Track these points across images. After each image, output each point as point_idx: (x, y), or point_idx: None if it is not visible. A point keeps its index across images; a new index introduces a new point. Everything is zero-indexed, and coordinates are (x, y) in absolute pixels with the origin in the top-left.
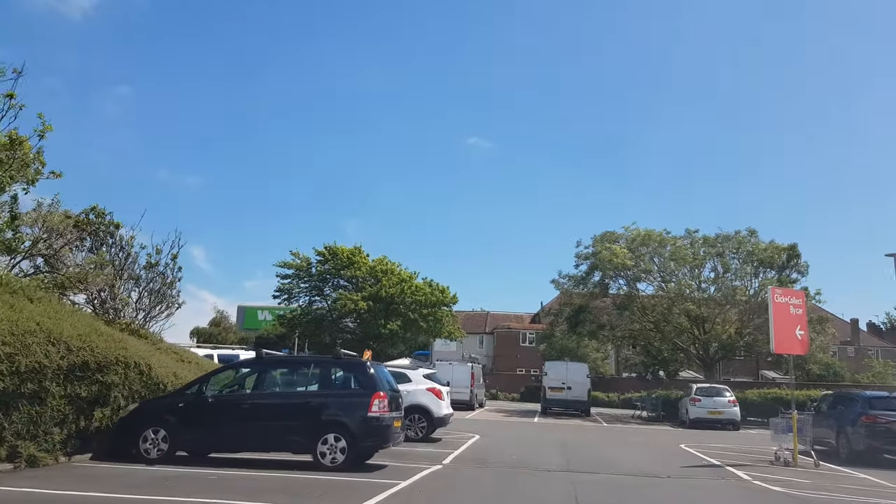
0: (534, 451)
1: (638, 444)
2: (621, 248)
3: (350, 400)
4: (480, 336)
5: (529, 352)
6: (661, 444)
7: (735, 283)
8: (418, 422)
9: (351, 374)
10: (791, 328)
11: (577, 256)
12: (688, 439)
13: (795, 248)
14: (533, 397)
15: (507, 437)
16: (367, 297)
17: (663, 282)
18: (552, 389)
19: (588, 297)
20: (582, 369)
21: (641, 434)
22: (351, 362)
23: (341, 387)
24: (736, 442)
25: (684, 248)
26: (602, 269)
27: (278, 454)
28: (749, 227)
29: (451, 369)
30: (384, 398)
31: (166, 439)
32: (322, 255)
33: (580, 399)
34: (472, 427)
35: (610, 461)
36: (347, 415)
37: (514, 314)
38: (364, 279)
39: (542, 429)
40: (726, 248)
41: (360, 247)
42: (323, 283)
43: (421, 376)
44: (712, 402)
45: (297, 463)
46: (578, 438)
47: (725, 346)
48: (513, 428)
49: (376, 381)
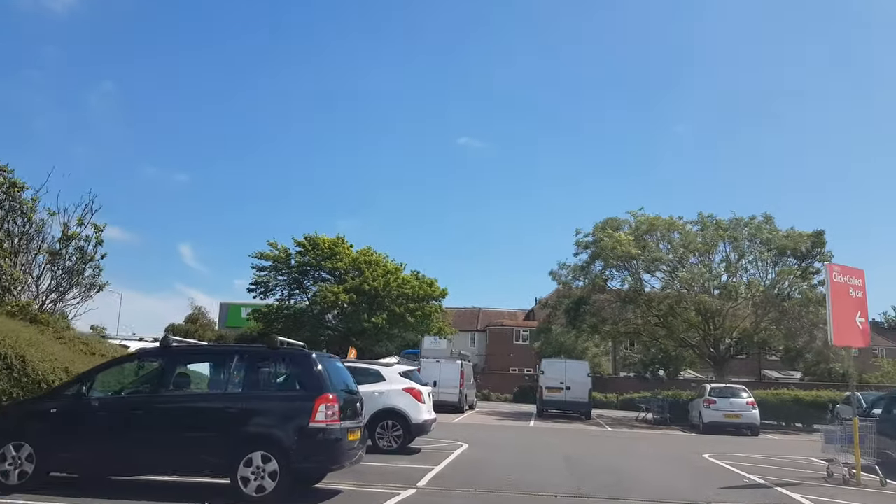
0: (533, 467)
1: (655, 454)
2: (626, 235)
3: (286, 405)
4: (472, 333)
5: (523, 350)
6: (680, 453)
7: (751, 272)
8: (392, 429)
9: (290, 371)
10: (851, 314)
11: (577, 245)
12: (708, 447)
13: (822, 235)
14: (527, 398)
15: (500, 446)
16: (350, 290)
17: (672, 271)
18: (550, 390)
19: (589, 288)
20: (582, 368)
21: (653, 441)
22: (290, 354)
23: (277, 387)
24: (764, 450)
25: (694, 233)
26: (604, 259)
27: (195, 476)
28: (765, 213)
29: (439, 367)
30: (334, 402)
31: (32, 458)
32: (302, 245)
33: (580, 400)
34: (459, 433)
35: (629, 480)
36: (281, 426)
37: (508, 311)
38: (347, 271)
39: (539, 435)
40: (740, 234)
41: (342, 237)
42: (303, 276)
43: (397, 374)
44: (728, 405)
45: (221, 488)
46: (583, 447)
47: (739, 342)
48: (507, 434)
49: (323, 380)
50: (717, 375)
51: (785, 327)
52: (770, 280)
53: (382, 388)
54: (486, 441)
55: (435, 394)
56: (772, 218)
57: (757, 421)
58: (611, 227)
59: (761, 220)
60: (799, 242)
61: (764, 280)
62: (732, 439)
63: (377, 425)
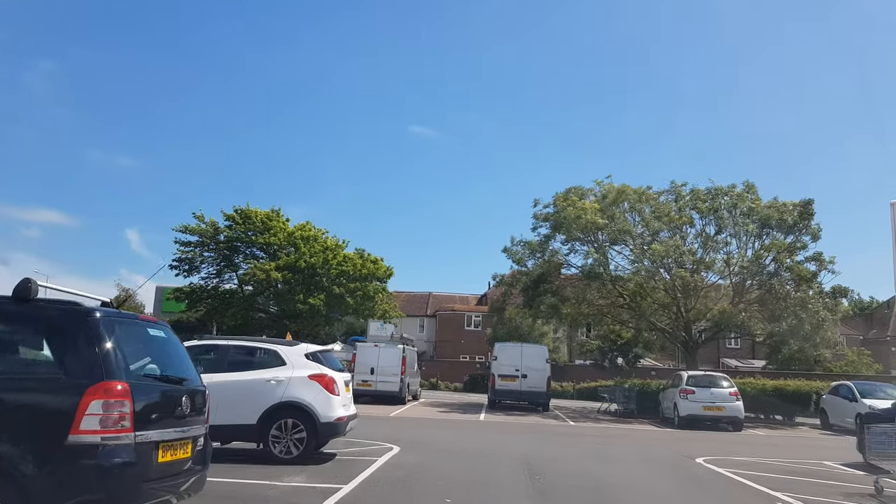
0: (483, 480)
1: (636, 458)
2: (591, 205)
3: (28, 402)
4: (421, 319)
5: (475, 336)
6: (667, 456)
7: (732, 245)
8: (293, 430)
9: (49, 340)
10: None
11: (535, 218)
12: (697, 448)
13: (810, 205)
14: (478, 387)
15: (443, 448)
16: (283, 268)
17: (644, 245)
18: (503, 378)
19: (549, 264)
20: (540, 353)
21: (626, 439)
22: (50, 310)
23: (20, 369)
24: (765, 451)
25: (667, 204)
26: (566, 230)
27: None
28: (746, 181)
29: (377, 353)
30: (121, 397)
31: None
32: (232, 218)
33: (537, 390)
34: (394, 430)
35: (611, 497)
36: (13, 442)
37: (460, 295)
38: (281, 247)
39: (491, 431)
40: (720, 203)
41: (278, 210)
42: (232, 253)
43: (301, 356)
44: (709, 395)
45: None
46: (545, 448)
47: (717, 324)
48: (452, 431)
49: (104, 357)
50: (688, 363)
51: (769, 309)
52: (753, 253)
53: (281, 375)
54: (425, 441)
55: (372, 383)
56: (754, 186)
57: (741, 414)
58: (574, 195)
59: (742, 188)
60: (784, 213)
61: (744, 255)
62: (718, 436)
63: (272, 425)
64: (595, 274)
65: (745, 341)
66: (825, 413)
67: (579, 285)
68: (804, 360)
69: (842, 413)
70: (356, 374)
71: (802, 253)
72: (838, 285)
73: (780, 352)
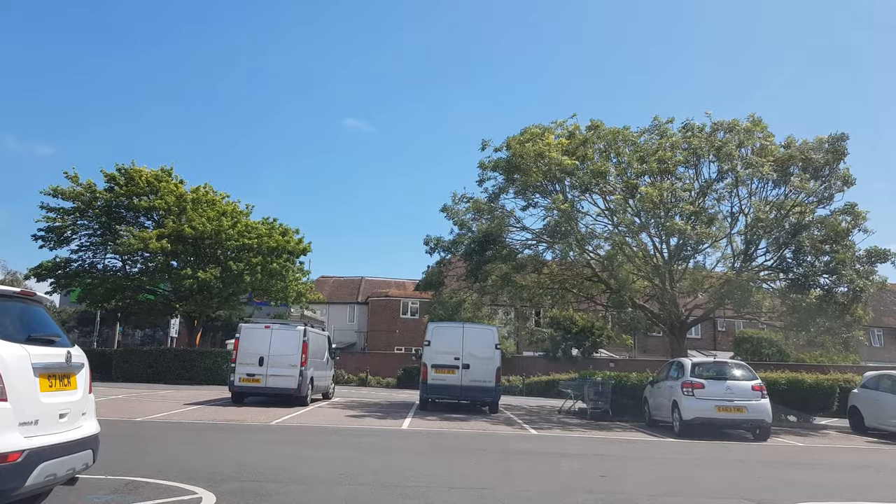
0: None
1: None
2: (556, 143)
3: None
4: (351, 306)
5: (412, 325)
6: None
7: (741, 193)
8: None
9: None
10: None
11: (483, 167)
12: (772, 485)
13: (843, 140)
14: (413, 383)
15: (301, 497)
16: (167, 236)
17: (628, 193)
18: (438, 369)
19: (500, 219)
20: (487, 337)
21: (633, 461)
22: None
23: None
24: (870, 486)
25: (651, 144)
26: (524, 174)
27: None
28: (751, 115)
29: (268, 337)
30: None
31: None
32: (113, 178)
33: (484, 384)
34: (249, 452)
35: None
36: None
37: (395, 280)
38: (169, 212)
39: (414, 451)
40: (725, 141)
41: (169, 169)
42: (113, 220)
43: None
44: (724, 391)
45: None
46: (502, 489)
47: (717, 296)
48: (348, 452)
49: None
50: (673, 350)
51: (791, 278)
52: (772, 201)
53: None
54: (279, 478)
55: (261, 377)
56: (761, 121)
57: (768, 416)
58: (532, 134)
59: (748, 122)
60: (811, 151)
61: (762, 205)
62: (768, 451)
63: None
64: (563, 232)
65: (706, 330)
66: (857, 412)
67: (542, 246)
68: (828, 346)
69: (885, 412)
70: (239, 366)
71: (827, 206)
72: (875, 247)
73: (800, 334)
